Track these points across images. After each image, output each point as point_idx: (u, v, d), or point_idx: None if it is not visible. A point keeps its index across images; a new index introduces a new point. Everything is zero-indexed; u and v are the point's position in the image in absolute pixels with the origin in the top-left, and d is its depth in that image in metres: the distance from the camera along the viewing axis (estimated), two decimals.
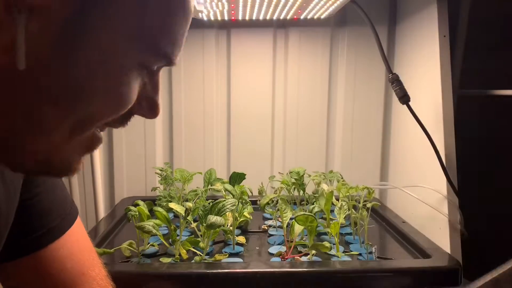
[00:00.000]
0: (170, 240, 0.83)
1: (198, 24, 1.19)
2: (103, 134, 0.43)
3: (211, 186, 1.06)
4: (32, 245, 0.51)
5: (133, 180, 1.27)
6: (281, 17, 1.08)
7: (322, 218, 0.99)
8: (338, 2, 0.92)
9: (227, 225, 0.89)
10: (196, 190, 0.99)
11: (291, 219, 0.85)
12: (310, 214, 0.80)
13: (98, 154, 1.19)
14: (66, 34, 0.29)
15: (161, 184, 1.13)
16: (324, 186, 0.98)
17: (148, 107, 0.38)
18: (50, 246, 0.52)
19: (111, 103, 0.34)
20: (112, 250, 0.80)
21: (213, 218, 0.76)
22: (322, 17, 1.07)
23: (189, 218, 0.83)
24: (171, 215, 0.98)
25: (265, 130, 1.27)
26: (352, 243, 0.89)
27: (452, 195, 0.90)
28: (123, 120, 0.39)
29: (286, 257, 0.80)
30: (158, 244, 0.86)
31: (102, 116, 0.34)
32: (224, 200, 0.81)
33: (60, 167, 0.36)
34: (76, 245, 0.55)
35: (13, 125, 0.31)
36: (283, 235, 0.87)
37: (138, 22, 0.32)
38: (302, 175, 1.05)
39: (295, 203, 1.10)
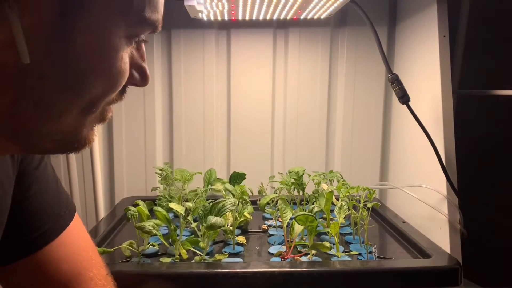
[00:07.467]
0: (170, 240, 0.83)
1: (198, 24, 1.19)
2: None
3: (211, 186, 1.06)
4: (24, 249, 0.50)
5: (133, 180, 1.27)
6: (281, 17, 1.08)
7: (322, 218, 0.99)
8: (338, 2, 0.92)
9: (227, 225, 0.89)
10: (196, 190, 0.99)
11: (291, 219, 0.85)
12: (310, 214, 0.80)
13: (98, 154, 1.19)
14: (59, 24, 0.30)
15: (161, 184, 1.12)
16: (324, 186, 0.98)
17: (139, 75, 0.40)
18: (43, 249, 0.51)
19: (112, 80, 0.35)
20: (112, 250, 0.80)
21: (213, 219, 0.76)
22: (322, 17, 1.07)
23: (189, 218, 0.83)
24: (171, 215, 0.98)
25: (265, 130, 1.27)
26: (352, 243, 0.89)
27: (452, 195, 0.90)
28: (121, 94, 0.40)
29: (286, 257, 0.80)
30: (158, 244, 0.86)
31: (107, 93, 0.36)
32: (224, 200, 0.80)
33: (77, 143, 0.38)
34: (71, 246, 0.54)
35: (27, 113, 0.33)
36: (283, 235, 0.87)
37: None
38: (302, 175, 1.05)
39: (295, 203, 1.10)
